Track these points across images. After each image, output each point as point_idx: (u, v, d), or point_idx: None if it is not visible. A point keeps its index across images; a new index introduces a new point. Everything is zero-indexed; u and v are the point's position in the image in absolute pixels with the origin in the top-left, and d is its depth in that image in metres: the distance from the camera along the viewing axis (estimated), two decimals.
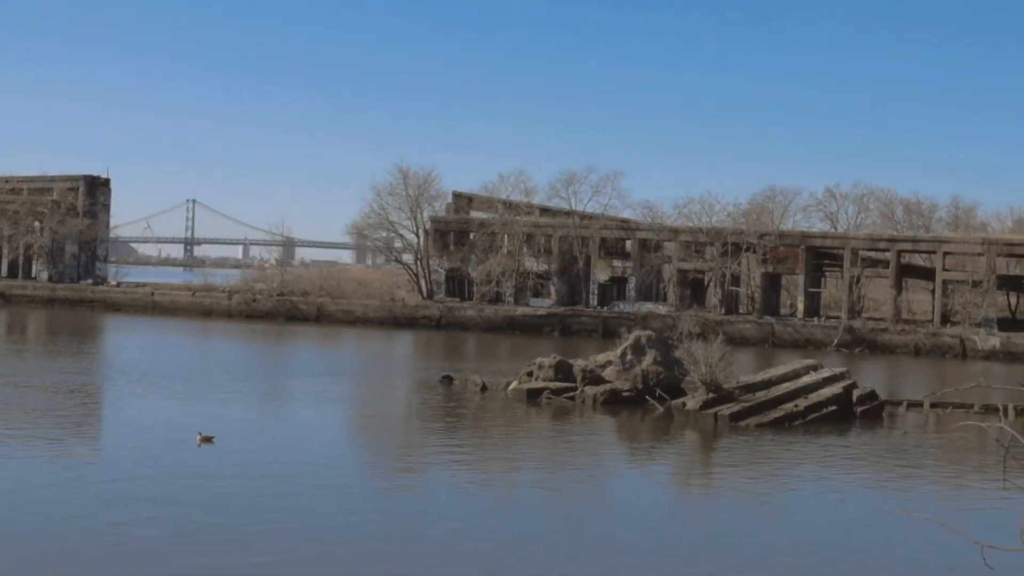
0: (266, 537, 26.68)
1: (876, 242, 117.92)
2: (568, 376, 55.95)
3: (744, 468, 40.05)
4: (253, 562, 24.51)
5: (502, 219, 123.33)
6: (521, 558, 25.97)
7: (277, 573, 24.11)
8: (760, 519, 31.93)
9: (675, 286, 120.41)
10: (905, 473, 40.18)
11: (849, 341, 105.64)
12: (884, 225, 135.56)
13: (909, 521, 28.42)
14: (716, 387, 51.03)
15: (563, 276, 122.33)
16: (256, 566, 24.35)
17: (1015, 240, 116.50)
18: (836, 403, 51.88)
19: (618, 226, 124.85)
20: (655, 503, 34.28)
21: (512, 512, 31.28)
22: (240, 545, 25.90)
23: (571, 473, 37.86)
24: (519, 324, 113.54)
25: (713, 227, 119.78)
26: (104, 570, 23.74)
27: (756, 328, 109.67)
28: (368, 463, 39.38)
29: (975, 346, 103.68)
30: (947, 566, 25.77)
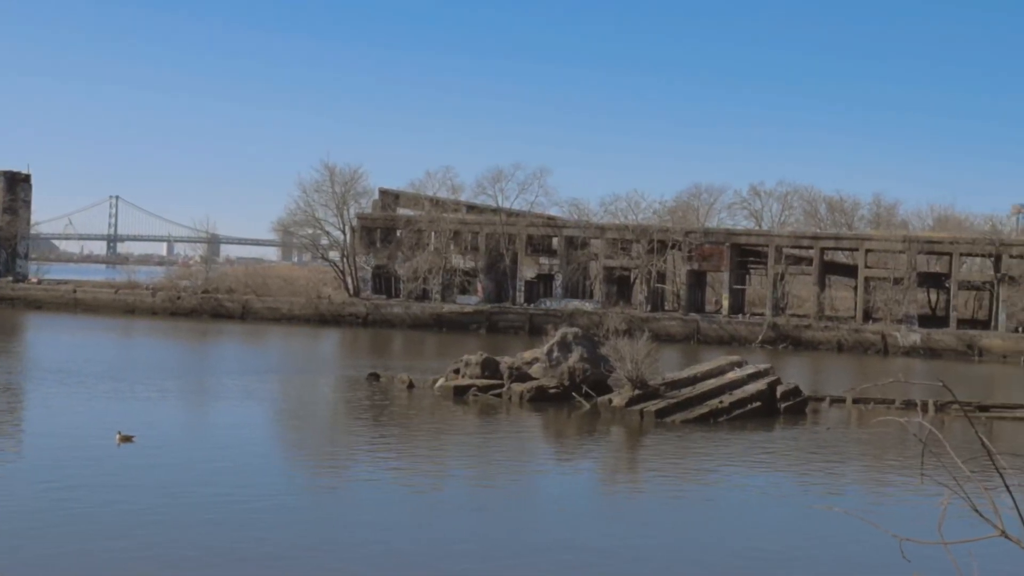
0: (186, 539, 26.40)
1: (800, 240, 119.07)
2: (495, 373, 56.00)
3: (670, 464, 40.29)
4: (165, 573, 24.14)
5: (429, 216, 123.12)
6: (446, 557, 25.94)
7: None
8: (685, 515, 32.14)
9: (601, 283, 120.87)
10: (828, 468, 40.61)
11: (773, 338, 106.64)
12: (807, 223, 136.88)
13: (831, 515, 28.79)
14: (642, 384, 51.30)
15: (490, 273, 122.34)
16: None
17: (935, 238, 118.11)
18: (760, 399, 52.37)
19: (545, 223, 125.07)
20: (581, 501, 34.40)
21: (438, 511, 31.23)
22: (152, 552, 25.61)
23: (498, 471, 37.88)
24: (446, 321, 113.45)
25: (639, 225, 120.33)
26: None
27: (682, 325, 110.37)
28: (293, 462, 39.12)
29: (896, 342, 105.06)
30: (867, 559, 26.08)
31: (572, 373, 54.09)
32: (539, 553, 26.58)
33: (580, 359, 54.51)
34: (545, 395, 53.83)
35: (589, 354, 54.99)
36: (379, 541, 27.00)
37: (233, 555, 25.14)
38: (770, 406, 52.79)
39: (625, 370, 51.61)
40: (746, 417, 50.62)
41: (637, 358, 51.46)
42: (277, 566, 24.64)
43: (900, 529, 7.56)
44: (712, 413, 50.13)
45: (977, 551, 6.63)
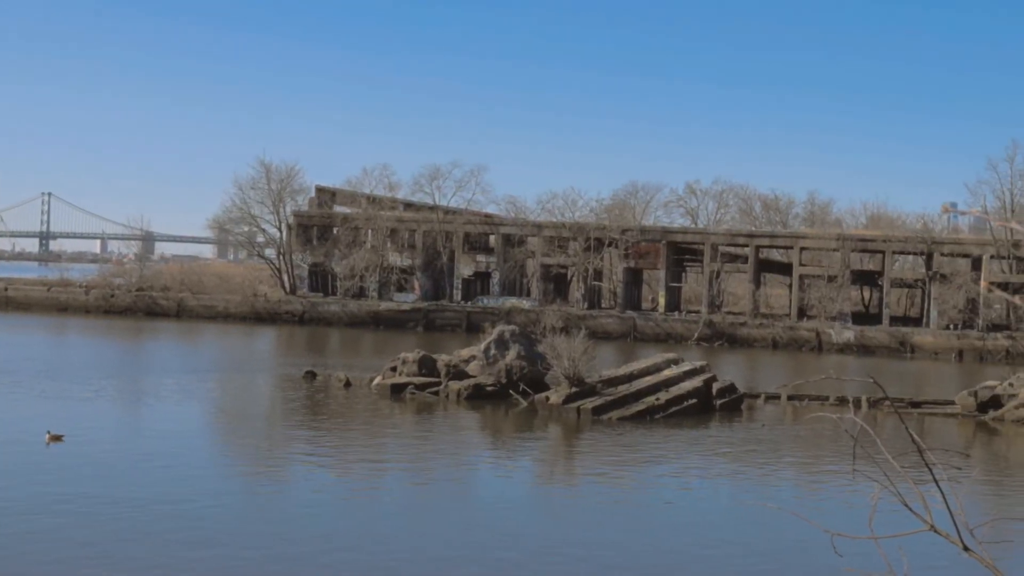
0: (111, 542, 26.17)
1: (735, 238, 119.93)
2: (432, 371, 55.96)
3: (606, 462, 40.42)
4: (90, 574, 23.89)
5: (366, 214, 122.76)
6: (385, 557, 25.90)
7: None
8: (622, 512, 32.26)
9: (538, 281, 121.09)
10: (763, 464, 40.95)
11: (709, 335, 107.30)
12: (743, 221, 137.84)
13: (765, 511, 29.04)
14: (579, 381, 51.46)
15: (427, 271, 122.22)
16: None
17: (869, 236, 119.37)
18: (696, 396, 52.67)
19: (482, 221, 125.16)
20: (518, 498, 34.44)
21: (375, 509, 31.18)
22: (83, 553, 25.37)
23: (435, 469, 37.84)
24: (383, 319, 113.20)
25: (576, 222, 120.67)
26: None
27: (618, 322, 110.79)
28: (228, 462, 38.83)
29: (830, 339, 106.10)
30: (800, 554, 26.31)
31: (509, 371, 54.16)
32: (478, 552, 26.59)
33: (517, 357, 54.59)
34: (482, 393, 53.87)
35: (526, 352, 55.08)
36: (316, 541, 26.87)
37: (162, 556, 24.93)
38: (706, 403, 53.11)
39: (562, 368, 51.74)
40: (682, 414, 50.89)
41: (574, 356, 51.60)
42: (210, 568, 24.47)
43: (832, 524, 7.65)
44: (648, 410, 50.35)
45: (907, 545, 6.72)
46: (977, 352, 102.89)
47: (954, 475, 6.67)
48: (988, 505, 33.36)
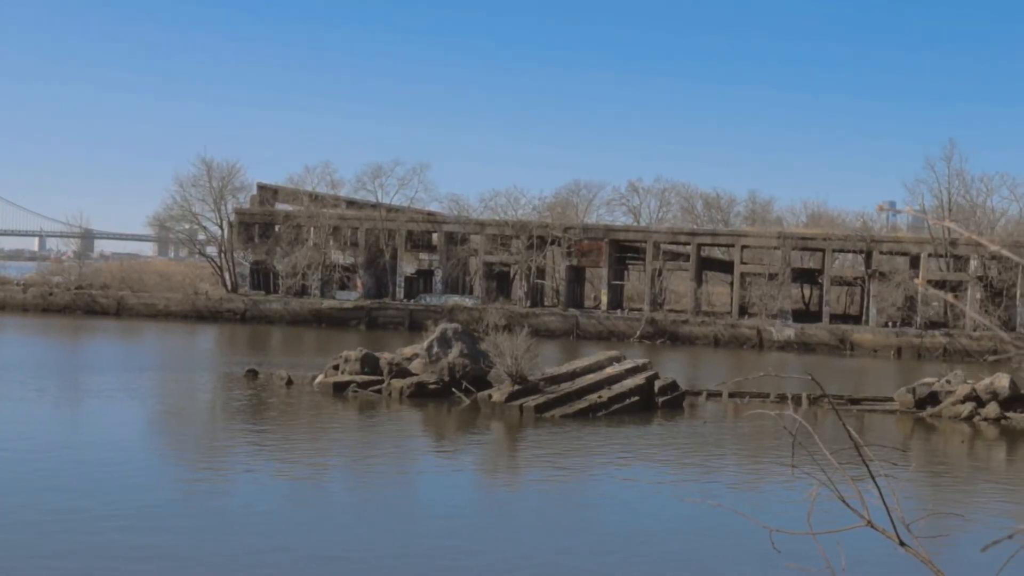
0: (51, 545, 25.93)
1: (677, 236, 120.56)
2: (375, 369, 55.87)
3: (549, 459, 40.51)
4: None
5: (308, 211, 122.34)
6: (325, 557, 25.82)
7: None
8: (564, 510, 32.33)
9: (481, 279, 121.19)
10: (704, 461, 41.18)
11: (651, 333, 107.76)
12: (685, 219, 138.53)
13: (706, 508, 29.21)
14: (521, 379, 51.53)
15: (369, 269, 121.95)
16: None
17: (809, 234, 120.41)
18: (639, 393, 52.87)
19: (425, 219, 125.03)
20: (461, 497, 34.43)
21: (318, 508, 31.06)
22: (22, 555, 25.12)
23: (377, 467, 37.77)
24: (325, 317, 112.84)
25: (519, 220, 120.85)
26: None
27: (561, 320, 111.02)
28: (169, 460, 38.51)
29: (771, 337, 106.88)
30: (740, 551, 26.48)
31: (452, 369, 54.17)
32: (422, 552, 26.57)
33: (460, 355, 54.60)
34: (425, 391, 53.85)
35: (469, 350, 55.10)
36: (259, 542, 26.75)
37: (101, 560, 24.71)
38: (648, 400, 53.33)
39: (505, 365, 51.80)
40: (624, 411, 51.08)
41: (517, 353, 51.66)
42: (151, 569, 24.29)
43: (772, 520, 7.73)
44: (591, 408, 50.50)
45: (845, 541, 6.79)
46: (915, 349, 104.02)
47: (892, 471, 6.75)
48: (925, 500, 33.74)
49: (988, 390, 54.37)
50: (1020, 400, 54.35)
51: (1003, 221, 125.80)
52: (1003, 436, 50.65)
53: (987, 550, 4.51)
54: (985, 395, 54.23)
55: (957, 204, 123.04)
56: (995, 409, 53.45)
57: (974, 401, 54.21)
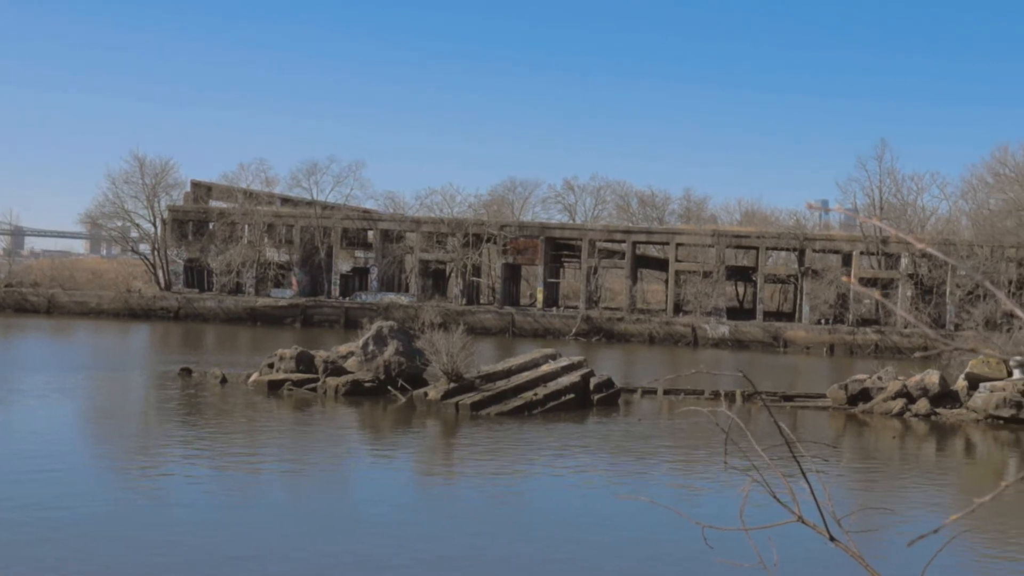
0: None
1: (612, 233, 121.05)
2: (310, 367, 55.66)
3: (485, 457, 40.53)
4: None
5: (242, 209, 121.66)
6: (258, 557, 25.68)
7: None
8: (500, 508, 32.37)
9: (417, 276, 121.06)
10: (639, 459, 41.34)
11: (587, 330, 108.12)
12: (620, 217, 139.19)
13: (640, 505, 29.33)
14: (457, 377, 51.53)
15: (305, 266, 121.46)
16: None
17: (743, 232, 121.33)
18: (574, 391, 53.04)
19: (360, 216, 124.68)
20: (397, 495, 34.36)
21: (252, 508, 30.89)
22: None
23: (313, 466, 37.62)
24: (260, 315, 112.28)
25: (455, 218, 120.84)
26: None
27: (497, 318, 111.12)
28: (102, 459, 38.15)
29: (706, 334, 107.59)
30: (674, 547, 26.62)
31: (387, 367, 54.07)
32: (356, 550, 26.50)
33: (395, 352, 54.51)
34: (360, 389, 53.72)
35: (404, 347, 55.02)
36: (191, 544, 26.56)
37: (28, 569, 24.44)
38: (583, 398, 53.52)
39: (440, 363, 51.78)
40: (560, 409, 51.23)
41: (452, 351, 51.66)
42: (84, 566, 24.05)
43: (705, 517, 7.79)
44: (527, 405, 50.60)
45: (776, 536, 6.86)
46: (847, 346, 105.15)
47: (824, 467, 6.81)
48: (856, 496, 34.10)
49: (919, 386, 55.06)
50: (950, 396, 55.09)
51: (933, 219, 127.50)
52: (933, 432, 51.30)
53: (913, 544, 4.58)
54: (916, 391, 54.90)
55: (888, 202, 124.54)
56: (926, 405, 54.13)
57: (905, 397, 54.87)
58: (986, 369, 55.19)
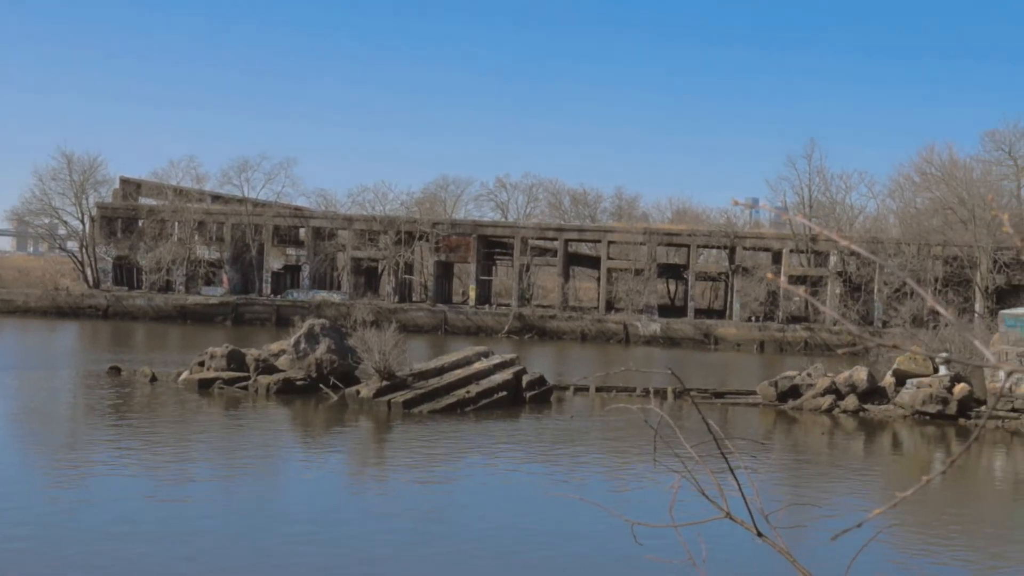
0: None
1: (545, 231, 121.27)
2: (241, 365, 55.33)
3: (417, 455, 40.49)
4: None
5: (172, 206, 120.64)
6: (188, 558, 25.52)
7: None
8: (431, 506, 32.34)
9: (349, 274, 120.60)
10: (571, 456, 41.49)
11: (519, 328, 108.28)
12: (552, 215, 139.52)
13: (571, 502, 29.46)
14: (390, 375, 51.45)
15: (236, 264, 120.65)
16: None
17: (674, 230, 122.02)
18: (506, 389, 53.15)
19: (292, 214, 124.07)
20: (328, 494, 34.26)
21: (181, 509, 30.66)
22: None
23: (243, 465, 37.41)
24: (190, 313, 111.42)
25: (387, 216, 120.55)
26: None
27: (429, 316, 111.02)
28: (29, 460, 37.72)
29: (638, 331, 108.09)
30: (605, 544, 26.76)
31: (319, 365, 53.87)
32: (285, 550, 26.40)
33: (327, 350, 54.32)
34: (292, 387, 53.49)
35: (337, 345, 54.85)
36: (119, 545, 26.34)
37: None
38: (516, 395, 53.64)
39: (373, 361, 51.67)
40: (492, 407, 51.31)
41: (385, 349, 51.57)
42: (10, 570, 23.80)
43: (635, 514, 7.86)
44: (459, 403, 50.64)
45: (705, 532, 6.95)
46: (777, 343, 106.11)
47: (752, 463, 6.89)
48: (785, 492, 34.45)
49: (847, 383, 55.69)
50: (878, 392, 55.76)
51: (861, 218, 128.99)
52: (861, 428, 51.90)
53: (836, 539, 4.66)
54: (844, 388, 55.54)
55: (818, 201, 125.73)
56: (854, 401, 54.79)
57: (834, 394, 55.49)
58: (913, 366, 55.92)
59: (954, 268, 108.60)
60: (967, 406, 53.40)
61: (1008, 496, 40.06)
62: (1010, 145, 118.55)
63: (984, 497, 39.02)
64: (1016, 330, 56.71)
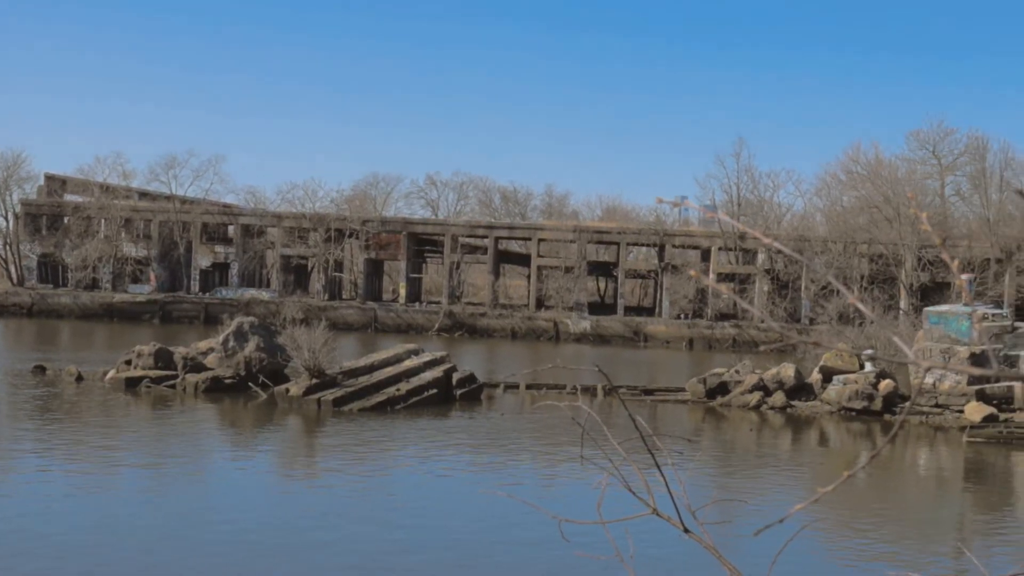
0: None
1: (475, 229, 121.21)
2: (169, 364, 54.85)
3: (346, 453, 40.39)
4: None
5: (98, 203, 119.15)
6: (118, 559, 25.28)
7: None
8: (360, 504, 32.28)
9: (278, 272, 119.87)
10: (501, 453, 41.59)
11: (449, 325, 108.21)
12: (483, 212, 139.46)
13: (501, 499, 29.53)
14: (319, 373, 51.24)
15: (163, 262, 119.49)
16: None
17: (604, 228, 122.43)
18: (437, 386, 53.13)
19: (220, 211, 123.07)
20: (257, 494, 34.09)
21: (110, 509, 30.37)
22: None
23: (171, 465, 37.12)
24: (117, 311, 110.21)
25: (316, 213, 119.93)
26: None
27: (359, 313, 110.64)
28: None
29: (568, 329, 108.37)
30: (533, 541, 26.81)
31: (248, 363, 53.56)
32: (214, 550, 26.24)
33: (256, 348, 54.02)
34: (221, 385, 53.13)
35: (266, 343, 54.56)
36: (43, 547, 26.04)
37: None
38: (446, 393, 53.64)
39: (302, 359, 51.45)
40: (423, 404, 51.28)
41: (314, 347, 51.36)
42: None
43: (563, 511, 7.88)
44: (389, 401, 50.55)
45: (632, 529, 6.99)
46: (706, 340, 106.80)
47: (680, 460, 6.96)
48: (713, 488, 34.72)
49: (775, 379, 56.24)
50: (805, 389, 56.35)
51: (789, 216, 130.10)
52: (789, 424, 52.44)
53: (759, 534, 4.70)
54: (772, 384, 56.07)
55: (746, 199, 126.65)
56: (781, 398, 55.33)
57: (762, 390, 56.02)
58: (839, 362, 56.57)
59: (880, 266, 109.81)
60: (892, 402, 54.09)
61: (932, 490, 40.68)
62: (934, 144, 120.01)
63: (909, 491, 39.59)
64: (939, 327, 57.58)
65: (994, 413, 51.07)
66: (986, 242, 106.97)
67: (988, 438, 48.58)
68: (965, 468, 44.34)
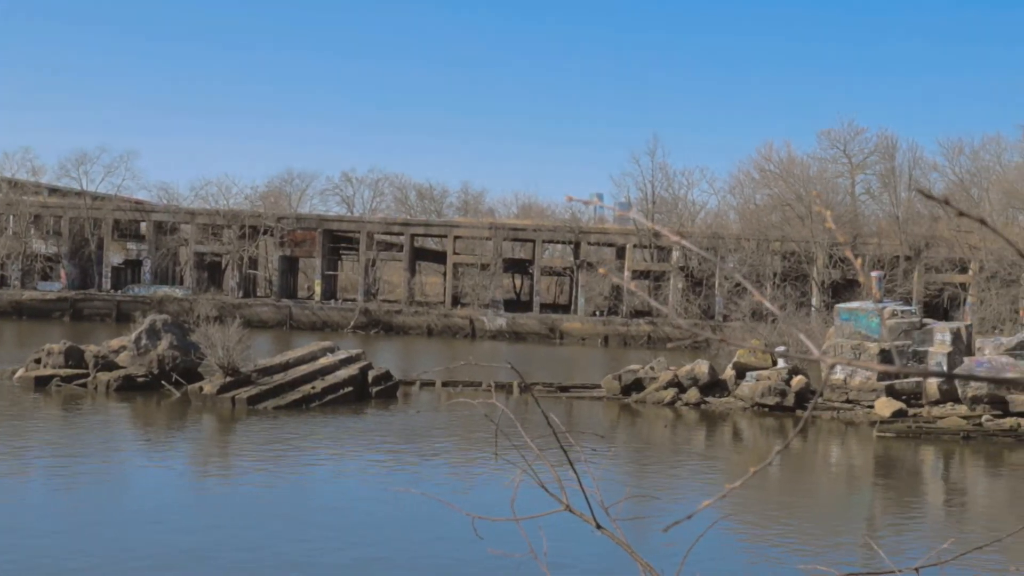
0: None
1: (391, 226, 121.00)
2: (80, 362, 54.16)
3: (261, 452, 40.12)
4: None
5: (7, 199, 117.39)
6: (27, 565, 24.93)
7: None
8: (273, 504, 32.11)
9: (192, 269, 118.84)
10: (416, 451, 41.53)
11: (365, 323, 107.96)
12: (398, 210, 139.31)
13: (415, 497, 29.51)
14: (234, 370, 50.87)
15: (74, 259, 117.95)
16: None
17: (520, 225, 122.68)
18: (352, 384, 52.98)
19: (132, 208, 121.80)
20: (170, 494, 33.74)
21: (17, 512, 29.93)
22: None
23: (83, 465, 36.62)
24: (26, 309, 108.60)
25: (231, 210, 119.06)
26: None
27: (274, 311, 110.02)
28: None
29: (484, 326, 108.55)
30: (447, 539, 26.82)
31: (161, 361, 53.05)
32: (127, 552, 25.96)
33: (169, 346, 53.53)
34: (133, 384, 52.58)
35: (179, 341, 54.08)
36: None
37: None
38: (362, 391, 53.51)
39: (216, 357, 51.05)
40: (338, 402, 51.10)
41: (228, 345, 50.99)
42: None
43: (477, 508, 7.92)
44: (304, 399, 50.32)
45: (547, 526, 7.03)
46: (622, 337, 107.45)
47: (594, 456, 7.03)
48: (626, 484, 34.93)
49: (689, 376, 56.71)
50: (719, 385, 56.89)
51: (703, 213, 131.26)
52: (703, 420, 52.91)
53: (668, 530, 4.75)
54: (686, 381, 56.55)
55: (660, 197, 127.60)
56: (695, 394, 55.82)
57: (676, 387, 56.47)
58: (753, 359, 57.19)
59: (792, 263, 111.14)
60: (805, 398, 54.78)
61: (842, 484, 41.25)
62: (844, 143, 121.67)
63: (820, 485, 40.15)
64: (850, 323, 58.38)
65: (903, 408, 51.95)
66: (895, 240, 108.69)
67: (898, 433, 49.39)
68: (875, 462, 45.00)
